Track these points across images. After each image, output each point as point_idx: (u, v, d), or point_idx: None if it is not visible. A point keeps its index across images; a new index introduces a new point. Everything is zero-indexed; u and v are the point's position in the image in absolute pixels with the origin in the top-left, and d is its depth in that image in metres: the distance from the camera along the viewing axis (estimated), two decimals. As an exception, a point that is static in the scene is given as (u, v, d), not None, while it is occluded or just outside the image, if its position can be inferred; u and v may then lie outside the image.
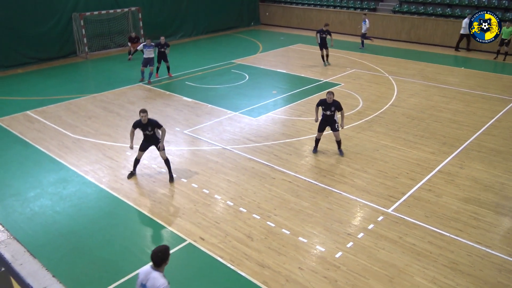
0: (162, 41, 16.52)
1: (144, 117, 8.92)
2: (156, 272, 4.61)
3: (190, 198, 8.76)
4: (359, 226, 7.86)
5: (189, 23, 25.50)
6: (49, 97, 14.99)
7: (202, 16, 25.93)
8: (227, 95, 15.15)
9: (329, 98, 10.05)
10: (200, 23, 26.02)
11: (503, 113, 13.21)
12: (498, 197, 8.76)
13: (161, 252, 4.65)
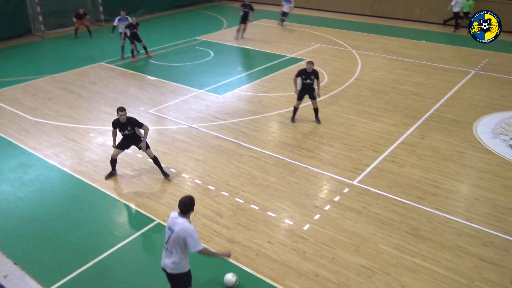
0: (134, 22, 15.88)
1: (122, 116, 8.15)
2: (183, 219, 5.07)
3: (157, 178, 8.69)
4: (325, 198, 8.04)
5: None
6: (5, 79, 14.34)
7: (164, -9, 25.20)
8: (192, 72, 14.94)
9: (309, 68, 10.47)
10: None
11: (462, 84, 13.65)
12: (456, 165, 9.13)
13: (188, 202, 5.08)
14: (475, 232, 7.14)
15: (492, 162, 9.24)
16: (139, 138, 8.53)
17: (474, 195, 8.14)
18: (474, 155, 9.54)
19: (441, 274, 6.29)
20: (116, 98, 12.67)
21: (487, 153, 9.63)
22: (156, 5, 25.13)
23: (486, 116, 11.44)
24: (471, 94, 12.88)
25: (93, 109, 11.95)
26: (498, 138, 10.27)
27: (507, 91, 13.18)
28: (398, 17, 23.27)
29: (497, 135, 10.39)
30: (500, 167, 9.07)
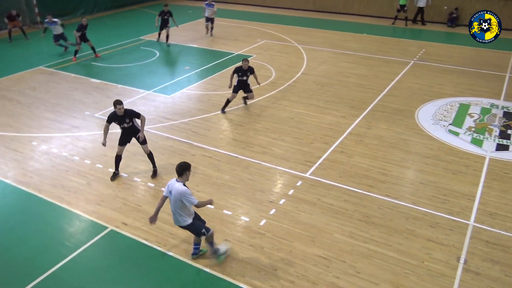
0: (84, 23, 15.62)
1: (121, 109, 7.96)
2: (179, 183, 5.98)
3: (107, 184, 8.44)
4: (280, 193, 8.16)
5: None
6: None
7: (104, -9, 24.38)
8: (138, 73, 14.60)
9: (245, 65, 10.99)
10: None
11: (402, 75, 14.27)
12: (402, 152, 9.56)
13: (183, 165, 6.03)
14: (421, 215, 7.51)
15: (434, 147, 9.75)
16: (137, 130, 8.40)
17: (419, 180, 8.56)
18: (417, 141, 10.02)
19: (393, 257, 6.58)
20: (59, 104, 12.15)
21: (429, 139, 10.15)
22: (96, 5, 24.28)
23: (426, 103, 12.03)
24: (411, 84, 13.49)
25: (34, 116, 11.39)
26: (438, 124, 10.84)
27: (443, 79, 13.93)
28: (339, 11, 23.92)
29: (437, 121, 10.96)
30: (441, 151, 9.59)
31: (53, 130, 10.64)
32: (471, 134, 10.32)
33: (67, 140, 10.17)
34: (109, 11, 24.79)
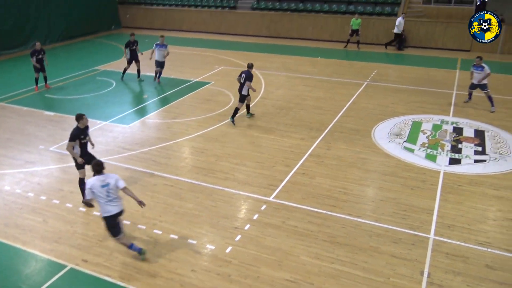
0: (38, 47, 15.26)
1: (85, 120, 8.26)
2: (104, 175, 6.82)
3: (65, 220, 8.11)
4: (244, 218, 8.12)
5: (42, 30, 23.34)
6: None
7: (57, 21, 23.94)
8: (95, 104, 14.31)
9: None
10: (55, 29, 23.99)
11: (357, 96, 14.76)
12: (361, 171, 9.79)
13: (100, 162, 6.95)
14: (384, 231, 7.67)
15: (391, 165, 10.06)
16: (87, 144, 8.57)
17: (379, 197, 8.78)
18: (375, 159, 10.32)
19: (359, 276, 6.65)
20: (11, 139, 11.68)
21: (386, 156, 10.47)
22: (49, 36, 23.78)
23: (381, 122, 12.46)
24: (366, 104, 13.96)
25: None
26: (393, 142, 11.22)
27: (396, 98, 14.51)
28: (293, 36, 24.60)
29: (392, 139, 11.35)
30: (398, 168, 9.91)
31: (5, 167, 10.18)
32: (425, 150, 10.74)
33: (21, 176, 9.75)
34: (62, 42, 24.34)
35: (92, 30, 26.29)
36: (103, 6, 26.88)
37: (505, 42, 20.49)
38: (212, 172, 9.80)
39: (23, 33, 22.34)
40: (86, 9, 25.57)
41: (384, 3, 23.62)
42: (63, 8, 24.15)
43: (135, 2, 29.19)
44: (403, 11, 22.65)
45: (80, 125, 8.22)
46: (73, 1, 24.69)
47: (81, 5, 25.26)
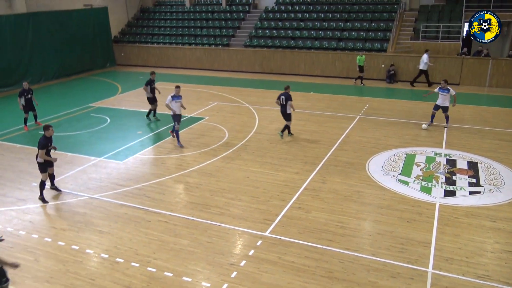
0: (26, 87, 15.34)
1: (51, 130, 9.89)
2: None
3: (57, 259, 7.93)
4: (240, 254, 7.99)
5: (37, 68, 23.61)
6: None
7: (51, 60, 24.27)
8: (89, 141, 14.30)
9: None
10: (49, 68, 24.28)
11: (350, 129, 14.90)
12: (357, 204, 9.76)
13: None
14: (382, 266, 7.57)
15: (386, 198, 10.05)
16: None
17: (376, 230, 8.71)
18: (370, 192, 10.30)
19: (358, 312, 6.50)
20: (3, 176, 11.56)
21: (381, 189, 10.47)
22: (43, 74, 24.03)
23: (375, 155, 12.53)
24: (359, 137, 14.08)
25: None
26: (388, 174, 11.25)
27: (388, 131, 14.66)
28: (285, 72, 25.05)
29: (387, 172, 11.39)
30: (394, 201, 9.89)
31: (-4, 205, 10.03)
32: (420, 182, 10.77)
33: (12, 214, 9.60)
34: (56, 80, 24.58)
35: (87, 68, 26.62)
36: (98, 44, 27.34)
37: (492, 76, 20.99)
38: (207, 207, 9.71)
39: (17, 71, 22.57)
40: (81, 48, 26.00)
41: (373, 39, 24.27)
42: (57, 47, 24.54)
43: (129, 40, 29.75)
44: (392, 47, 23.27)
45: (46, 134, 9.81)
46: (68, 40, 25.11)
47: (76, 44, 25.69)
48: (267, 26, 27.09)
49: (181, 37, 28.73)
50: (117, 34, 30.41)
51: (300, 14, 27.05)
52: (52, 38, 24.17)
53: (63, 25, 24.81)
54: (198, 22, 29.41)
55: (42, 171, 10.01)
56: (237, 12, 29.27)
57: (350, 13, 26.00)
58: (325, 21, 26.18)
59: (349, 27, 25.32)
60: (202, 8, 30.49)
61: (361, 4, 26.33)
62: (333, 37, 25.05)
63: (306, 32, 25.87)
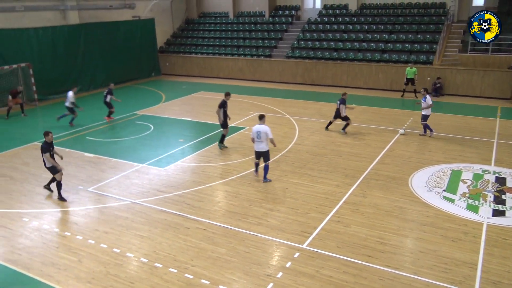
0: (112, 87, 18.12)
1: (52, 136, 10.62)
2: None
3: (99, 260, 8.17)
4: (277, 265, 7.93)
5: (86, 76, 24.71)
6: None
7: (100, 69, 25.32)
8: (132, 147, 14.73)
9: None
10: (98, 76, 25.33)
11: (393, 143, 14.54)
12: (399, 220, 9.47)
13: None
14: (424, 286, 7.28)
15: (430, 215, 9.69)
16: None
17: (419, 248, 8.40)
18: (413, 209, 9.98)
19: (398, 332, 6.26)
20: (52, 178, 12.08)
21: (425, 206, 10.11)
22: (93, 82, 25.09)
23: (418, 171, 12.14)
24: (402, 151, 13.71)
25: (26, 192, 11.27)
26: (432, 191, 10.87)
27: (433, 146, 14.19)
28: (327, 83, 24.87)
29: (431, 188, 11.00)
30: (438, 218, 9.52)
31: (45, 206, 10.49)
32: (466, 200, 10.32)
33: (59, 215, 10.00)
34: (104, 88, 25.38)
35: (133, 76, 27.54)
36: (144, 54, 28.27)
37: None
38: (245, 217, 9.72)
39: (69, 79, 23.66)
40: (128, 57, 26.96)
41: (419, 51, 23.70)
42: (106, 56, 25.58)
43: (174, 51, 30.55)
44: (438, 60, 22.61)
45: (47, 140, 10.51)
46: (116, 50, 26.13)
47: (124, 54, 26.68)
48: (309, 38, 27.07)
49: (224, 47, 29.21)
50: (163, 45, 31.32)
51: (343, 25, 26.86)
52: (101, 48, 25.24)
53: (112, 36, 25.86)
54: (241, 33, 29.82)
55: (55, 173, 10.67)
56: (280, 23, 29.45)
57: (395, 25, 25.54)
58: (369, 32, 25.85)
59: (393, 38, 24.87)
60: (246, 19, 30.90)
61: (407, 16, 25.83)
62: (377, 49, 24.67)
63: (349, 43, 25.63)
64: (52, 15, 23.50)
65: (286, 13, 30.14)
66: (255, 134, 11.13)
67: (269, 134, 11.07)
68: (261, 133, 11.02)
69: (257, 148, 11.28)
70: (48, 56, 22.46)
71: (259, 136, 11.06)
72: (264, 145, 11.20)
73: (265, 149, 11.26)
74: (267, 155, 11.35)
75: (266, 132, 11.05)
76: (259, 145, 11.22)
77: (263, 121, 11.22)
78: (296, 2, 30.13)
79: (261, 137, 11.04)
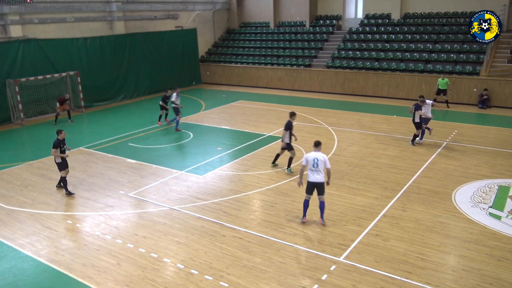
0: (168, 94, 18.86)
1: (64, 134, 11.66)
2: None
3: (137, 264, 8.35)
4: (312, 277, 7.81)
5: (130, 84, 25.53)
6: (-20, 167, 14.10)
7: (144, 77, 26.12)
8: (172, 154, 15.02)
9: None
10: (142, 84, 26.13)
11: (436, 156, 14.08)
12: (440, 236, 9.12)
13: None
14: (467, 306, 6.96)
15: (474, 231, 9.28)
16: None
17: (462, 266, 8.05)
18: (456, 225, 9.59)
19: None
20: (95, 183, 12.51)
21: (469, 222, 9.70)
22: (136, 90, 25.88)
23: (463, 185, 11.68)
24: (445, 165, 13.24)
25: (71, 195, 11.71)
26: (477, 206, 10.41)
27: (479, 160, 13.62)
28: (368, 94, 24.46)
29: (476, 204, 10.55)
30: (483, 235, 9.10)
31: (87, 209, 10.85)
32: (514, 218, 9.82)
33: (100, 218, 10.31)
34: (147, 96, 26.30)
35: (174, 85, 28.06)
36: (186, 63, 28.91)
37: None
38: (281, 227, 9.67)
39: (114, 87, 24.54)
40: (170, 66, 27.67)
41: (464, 62, 22.92)
42: (149, 65, 26.37)
43: (215, 60, 31.05)
44: (486, 70, 21.77)
45: (59, 137, 11.48)
46: (159, 59, 26.88)
47: (166, 63, 27.40)
48: (350, 47, 26.79)
49: (264, 57, 29.40)
50: (204, 54, 31.91)
51: (385, 35, 26.42)
52: (145, 57, 26.05)
53: (156, 45, 26.64)
54: (282, 43, 29.93)
55: (61, 169, 11.69)
56: (320, 33, 29.35)
57: (440, 34, 24.84)
58: (412, 42, 25.28)
59: (438, 48, 24.19)
60: (286, 29, 31.00)
61: (452, 25, 25.08)
62: (420, 59, 24.07)
63: (391, 53, 25.16)
64: (100, 26, 24.50)
65: (327, 23, 30.01)
66: (310, 163, 9.46)
67: (328, 164, 9.49)
68: (319, 161, 9.41)
69: (312, 178, 9.47)
70: (95, 65, 23.40)
71: (316, 165, 9.42)
72: (322, 176, 9.51)
73: (323, 180, 9.54)
74: (323, 187, 9.61)
75: (325, 160, 9.46)
76: (315, 175, 9.45)
77: (319, 148, 9.69)
78: (337, 12, 29.96)
79: (318, 166, 9.42)
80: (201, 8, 30.88)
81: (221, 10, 32.79)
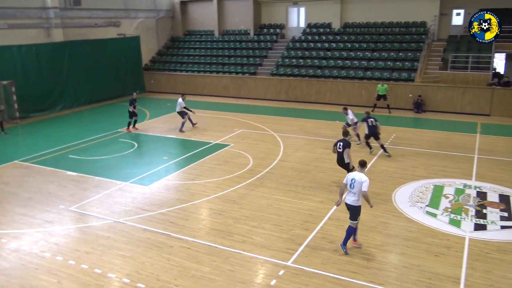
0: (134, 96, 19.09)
1: None
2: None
3: (80, 281, 7.98)
4: (262, 283, 7.85)
5: (70, 94, 24.50)
6: None
7: (84, 86, 25.17)
8: (116, 165, 14.57)
9: None
10: (82, 93, 25.16)
11: (376, 159, 14.68)
12: (382, 235, 9.50)
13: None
14: (408, 301, 7.28)
15: (413, 230, 9.75)
16: None
17: (403, 264, 8.42)
18: (396, 224, 10.03)
19: None
20: (32, 198, 11.86)
21: (408, 221, 10.18)
22: (76, 100, 24.88)
23: (401, 186, 12.26)
24: (385, 167, 13.83)
25: (5, 212, 11.01)
26: (415, 206, 10.96)
27: (416, 161, 14.36)
28: (311, 100, 25.11)
29: (414, 203, 11.09)
30: (421, 233, 9.58)
31: (24, 226, 10.25)
32: (448, 215, 10.42)
33: (39, 235, 9.78)
34: (88, 106, 25.38)
35: (117, 94, 27.38)
36: (129, 72, 28.22)
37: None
38: (229, 234, 9.65)
39: (51, 97, 23.46)
40: (113, 75, 26.89)
41: (400, 69, 24.16)
42: (90, 74, 25.47)
43: (159, 68, 30.59)
44: (420, 77, 23.06)
45: None
46: (100, 67, 26.04)
47: (108, 71, 26.60)
48: (294, 56, 27.41)
49: (209, 65, 29.37)
50: (148, 62, 31.34)
51: (327, 43, 27.30)
52: (85, 66, 25.13)
53: (97, 53, 25.80)
54: (226, 51, 30.05)
55: None
56: (264, 41, 29.79)
57: (378, 43, 26.05)
58: (351, 50, 26.31)
59: (376, 56, 25.34)
60: (231, 37, 31.18)
61: (389, 34, 26.39)
62: (359, 67, 25.09)
63: (332, 61, 26.02)
64: (36, 33, 23.38)
65: (270, 31, 30.52)
66: (348, 183, 8.67)
67: (365, 186, 8.40)
68: (356, 182, 8.47)
69: (346, 199, 8.77)
70: (31, 74, 22.25)
71: (352, 185, 8.54)
72: (356, 198, 8.62)
73: (356, 204, 8.64)
74: (356, 212, 8.69)
75: (362, 182, 8.44)
76: (348, 197, 8.71)
77: (364, 170, 8.74)
78: (280, 21, 30.57)
79: (354, 188, 8.52)
80: (144, 16, 30.36)
81: (165, 18, 32.43)
